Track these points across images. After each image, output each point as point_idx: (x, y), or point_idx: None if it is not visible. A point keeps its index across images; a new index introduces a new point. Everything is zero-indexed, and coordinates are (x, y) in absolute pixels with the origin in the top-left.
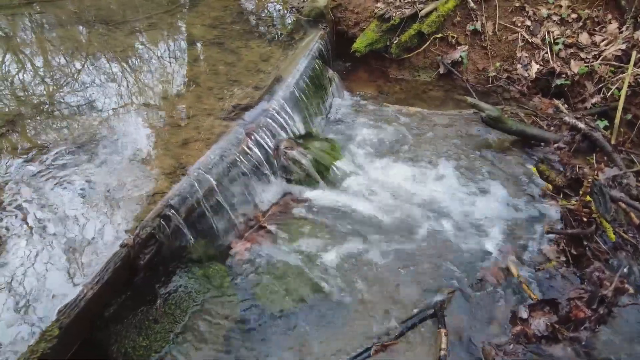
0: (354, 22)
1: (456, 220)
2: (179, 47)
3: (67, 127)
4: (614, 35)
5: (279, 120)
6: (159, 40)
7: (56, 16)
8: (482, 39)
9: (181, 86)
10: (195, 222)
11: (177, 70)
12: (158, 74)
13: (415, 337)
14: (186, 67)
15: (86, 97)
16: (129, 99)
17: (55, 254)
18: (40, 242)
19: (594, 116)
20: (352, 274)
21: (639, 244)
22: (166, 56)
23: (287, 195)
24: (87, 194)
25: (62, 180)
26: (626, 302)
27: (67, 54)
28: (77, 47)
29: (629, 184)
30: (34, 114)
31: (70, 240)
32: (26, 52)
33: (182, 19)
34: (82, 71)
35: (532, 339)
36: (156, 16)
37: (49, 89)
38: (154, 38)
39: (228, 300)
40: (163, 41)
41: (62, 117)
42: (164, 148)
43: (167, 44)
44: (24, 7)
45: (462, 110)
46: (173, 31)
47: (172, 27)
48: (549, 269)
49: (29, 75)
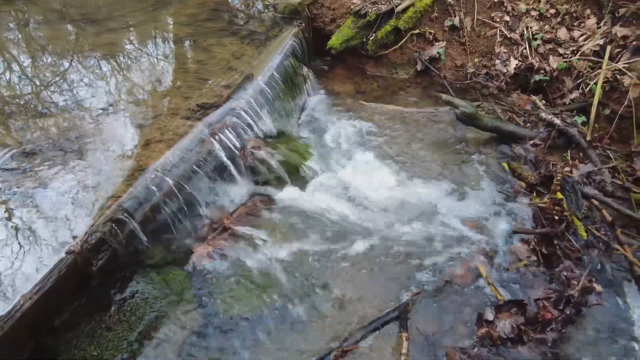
0: (331, 18)
1: (426, 220)
2: (149, 45)
3: (23, 128)
4: (592, 31)
5: (246, 120)
6: (129, 39)
7: (22, 13)
8: (460, 35)
9: (148, 85)
10: (153, 226)
11: (144, 69)
12: (124, 73)
13: (378, 341)
14: (155, 65)
15: (45, 97)
16: (91, 99)
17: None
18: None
19: (572, 112)
20: (317, 277)
21: (610, 241)
22: (135, 55)
23: (256, 197)
24: (38, 199)
25: (11, 185)
26: (593, 302)
27: (29, 53)
28: (43, 46)
29: (603, 180)
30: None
31: (14, 249)
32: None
33: (155, 16)
34: (43, 71)
35: (497, 341)
36: (129, 14)
37: (6, 88)
38: (124, 37)
39: (187, 306)
40: (133, 40)
41: (19, 117)
42: (124, 149)
43: (137, 42)
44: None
45: (439, 107)
46: (144, 29)
47: (144, 26)
48: (519, 269)
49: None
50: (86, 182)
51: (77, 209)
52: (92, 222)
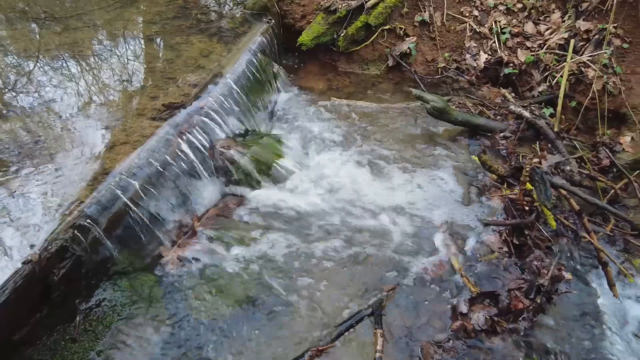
0: (301, 15)
1: (400, 215)
2: (115, 44)
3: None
4: (557, 25)
5: (215, 119)
6: (94, 38)
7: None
8: (431, 30)
9: (113, 86)
10: (120, 232)
11: (110, 69)
12: (89, 74)
13: (353, 339)
14: (121, 65)
15: (6, 99)
16: (54, 100)
17: None
18: None
19: (541, 104)
20: (290, 277)
21: (579, 229)
22: (100, 55)
23: (227, 197)
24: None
25: None
26: (562, 290)
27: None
28: (4, 45)
29: (571, 170)
30: None
31: None
32: None
33: (122, 15)
34: (5, 71)
35: (471, 333)
36: (94, 12)
37: None
38: (89, 36)
39: (157, 312)
40: (98, 39)
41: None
42: (88, 153)
43: (103, 41)
44: None
45: (411, 102)
46: (110, 28)
47: (109, 24)
48: (492, 261)
49: None
50: (47, 187)
51: (37, 216)
52: (52, 229)
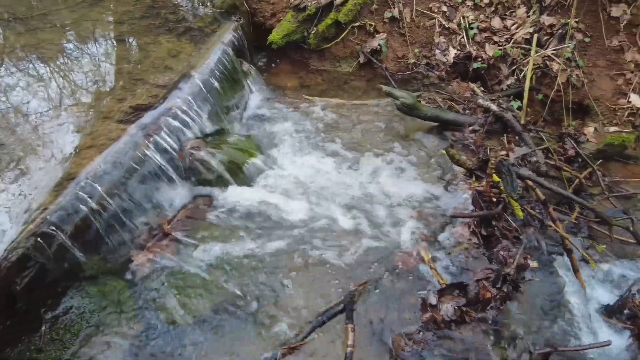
0: (271, 13)
1: (371, 210)
2: (81, 45)
3: None
4: (522, 19)
5: (184, 120)
6: (60, 39)
7: None
8: (400, 26)
9: (79, 88)
10: (87, 237)
11: (76, 71)
12: (55, 76)
13: (325, 335)
14: (87, 67)
15: None
16: (17, 104)
17: None
18: None
19: (509, 97)
20: (262, 276)
21: (544, 218)
22: (66, 56)
23: (198, 199)
24: None
25: None
26: (528, 278)
27: None
28: None
29: (538, 161)
30: None
31: None
32: None
33: (88, 15)
34: None
35: (441, 324)
36: (60, 12)
37: None
38: (55, 37)
39: (127, 316)
40: (64, 40)
41: None
42: (53, 158)
43: (68, 42)
44: None
45: (382, 99)
46: (76, 28)
47: (75, 24)
48: (461, 252)
49: None
50: (9, 194)
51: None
52: (13, 237)
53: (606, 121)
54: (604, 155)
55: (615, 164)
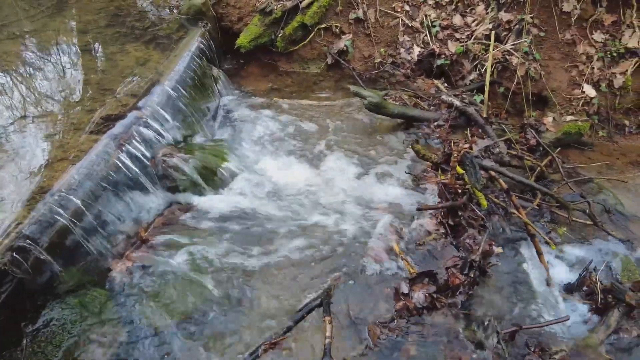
0: (237, 17)
1: (342, 206)
2: (46, 56)
3: None
4: (482, 16)
5: (155, 128)
6: (23, 50)
7: None
8: (366, 27)
9: (47, 100)
10: (64, 250)
11: (42, 83)
12: (20, 89)
13: (304, 330)
14: (53, 78)
15: None
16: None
17: None
18: None
19: (472, 92)
20: (239, 278)
21: (508, 206)
22: (30, 67)
23: (173, 205)
24: None
25: None
26: (493, 263)
27: None
28: None
29: (500, 152)
30: None
31: None
32: None
33: (51, 24)
34: None
35: (413, 311)
36: (21, 21)
37: None
38: (17, 47)
39: (109, 325)
40: (27, 50)
41: None
42: (25, 171)
43: (32, 53)
44: None
45: (351, 99)
46: (40, 38)
47: (38, 34)
48: (430, 242)
49: None
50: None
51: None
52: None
53: (563, 111)
54: (562, 143)
55: (573, 151)
